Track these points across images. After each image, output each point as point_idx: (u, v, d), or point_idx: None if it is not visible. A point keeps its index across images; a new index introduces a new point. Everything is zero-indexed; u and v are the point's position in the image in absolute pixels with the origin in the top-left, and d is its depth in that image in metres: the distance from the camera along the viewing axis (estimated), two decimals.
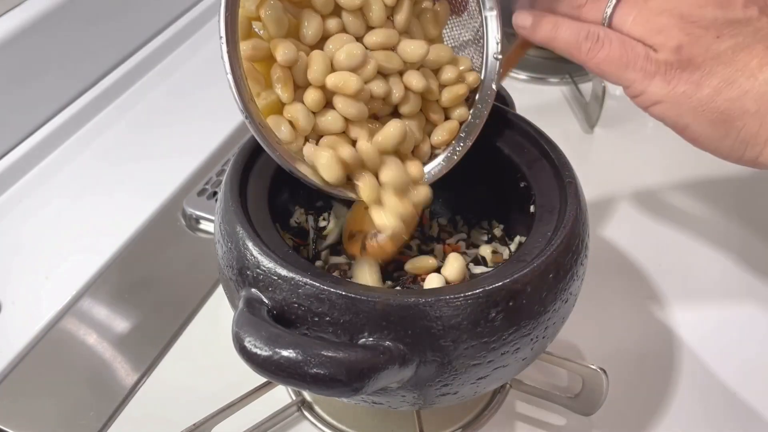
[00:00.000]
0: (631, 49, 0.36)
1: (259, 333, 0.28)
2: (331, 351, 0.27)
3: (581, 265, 0.34)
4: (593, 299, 0.42)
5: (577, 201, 0.35)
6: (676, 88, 0.35)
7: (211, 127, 0.63)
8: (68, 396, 0.43)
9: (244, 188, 0.36)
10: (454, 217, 0.46)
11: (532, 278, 0.31)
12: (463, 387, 0.32)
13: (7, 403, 0.43)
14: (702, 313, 0.48)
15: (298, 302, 0.30)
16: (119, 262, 0.51)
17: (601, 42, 0.36)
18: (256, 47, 0.33)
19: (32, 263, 0.51)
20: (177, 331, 0.47)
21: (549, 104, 0.67)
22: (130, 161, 0.60)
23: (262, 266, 0.31)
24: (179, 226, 0.54)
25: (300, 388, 0.36)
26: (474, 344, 0.30)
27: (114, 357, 0.45)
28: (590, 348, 0.45)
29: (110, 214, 0.55)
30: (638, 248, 0.52)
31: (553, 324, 0.33)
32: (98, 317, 0.48)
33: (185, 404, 0.42)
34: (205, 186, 0.57)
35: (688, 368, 0.44)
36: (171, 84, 0.69)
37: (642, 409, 0.42)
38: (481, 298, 0.30)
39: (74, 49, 0.63)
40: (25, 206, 0.56)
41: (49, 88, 0.61)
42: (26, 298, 0.49)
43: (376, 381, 0.28)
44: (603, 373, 0.38)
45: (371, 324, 0.29)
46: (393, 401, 0.33)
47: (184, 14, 0.75)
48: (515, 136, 0.40)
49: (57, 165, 0.60)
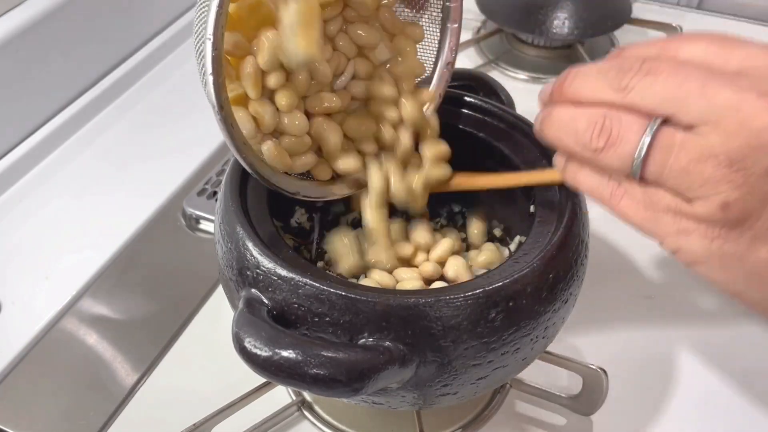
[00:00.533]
0: (656, 202, 0.29)
1: (259, 333, 0.28)
2: (331, 351, 0.27)
3: (581, 265, 0.34)
4: (593, 299, 0.42)
5: (577, 201, 0.35)
6: (723, 247, 0.28)
7: (211, 127, 0.62)
8: (68, 396, 0.43)
9: (244, 188, 0.36)
10: (454, 216, 0.46)
11: (532, 278, 0.31)
12: (463, 387, 0.32)
13: (7, 403, 0.43)
14: (702, 312, 0.48)
15: (298, 302, 0.30)
16: (119, 261, 0.51)
17: (623, 190, 0.30)
18: (237, 45, 0.32)
19: (32, 263, 0.51)
20: (177, 331, 0.47)
21: None
22: (130, 161, 0.60)
23: (262, 266, 0.31)
24: (179, 226, 0.54)
25: (300, 388, 0.36)
26: (474, 344, 0.30)
27: (114, 357, 0.45)
28: (590, 348, 0.45)
29: (110, 214, 0.55)
30: (638, 248, 0.52)
31: (553, 324, 0.33)
32: (98, 317, 0.48)
33: (185, 404, 0.42)
34: (205, 186, 0.57)
35: (688, 368, 0.44)
36: (171, 84, 0.69)
37: (642, 409, 0.42)
38: (481, 299, 0.30)
39: (74, 49, 0.63)
40: (25, 206, 0.56)
41: (48, 88, 0.61)
42: (26, 298, 0.49)
43: (376, 381, 0.28)
44: (603, 373, 0.38)
45: (371, 324, 0.29)
46: (393, 401, 0.33)
47: (183, 15, 0.75)
48: (515, 136, 0.40)
49: (57, 165, 0.60)
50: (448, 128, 0.41)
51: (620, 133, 0.29)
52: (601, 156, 0.29)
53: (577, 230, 0.34)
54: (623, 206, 0.30)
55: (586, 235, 0.35)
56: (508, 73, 0.71)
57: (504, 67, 0.71)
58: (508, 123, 0.40)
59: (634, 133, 0.28)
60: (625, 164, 0.29)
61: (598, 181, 0.31)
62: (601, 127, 0.29)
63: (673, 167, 0.28)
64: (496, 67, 0.71)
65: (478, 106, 0.41)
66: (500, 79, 0.46)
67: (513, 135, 0.40)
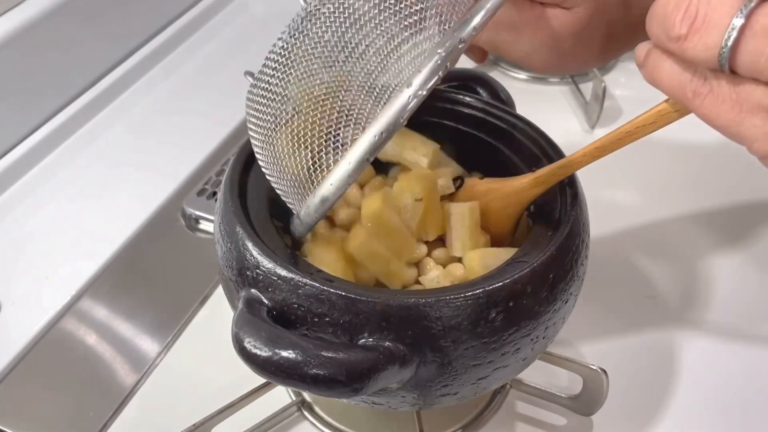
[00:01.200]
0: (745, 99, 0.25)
1: (258, 333, 0.28)
2: (331, 351, 0.27)
3: (581, 265, 0.34)
4: (593, 299, 0.42)
5: (578, 201, 0.35)
6: None
7: (210, 127, 0.63)
8: (68, 396, 0.43)
9: (243, 188, 0.36)
10: None
11: (533, 278, 0.31)
12: (464, 387, 0.32)
13: (7, 403, 0.43)
14: (702, 313, 0.48)
15: (297, 303, 0.30)
16: (119, 262, 0.51)
17: (708, 87, 0.26)
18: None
19: (32, 263, 0.51)
20: (177, 331, 0.47)
21: (549, 104, 0.67)
22: (129, 161, 0.60)
23: (262, 267, 0.31)
24: (179, 226, 0.54)
25: (300, 388, 0.36)
26: (474, 344, 0.30)
27: (114, 357, 0.45)
28: (590, 348, 0.45)
29: (110, 214, 0.55)
30: (638, 248, 0.52)
31: (553, 324, 0.33)
32: (98, 317, 0.48)
33: (185, 404, 0.42)
34: (205, 186, 0.57)
35: (689, 368, 0.44)
36: (170, 84, 0.69)
37: (642, 409, 0.42)
38: (482, 299, 0.30)
39: (73, 49, 0.63)
40: (25, 206, 0.56)
41: (48, 88, 0.61)
42: (26, 298, 0.49)
43: (376, 381, 0.28)
44: (603, 373, 0.38)
45: (371, 324, 0.29)
46: (393, 402, 0.33)
47: (182, 15, 0.75)
48: (515, 136, 0.40)
49: (57, 165, 0.60)
50: (448, 128, 0.41)
51: (707, 14, 0.24)
52: (685, 45, 0.25)
53: (577, 230, 0.34)
54: (707, 107, 0.26)
55: (587, 235, 0.35)
56: (508, 73, 0.70)
57: (504, 67, 0.71)
58: (508, 123, 0.40)
59: (722, 15, 0.24)
60: (712, 54, 0.24)
61: (679, 77, 0.26)
62: (686, 8, 0.24)
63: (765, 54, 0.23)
64: (496, 67, 0.71)
65: (478, 106, 0.41)
66: (500, 79, 0.46)
67: (513, 135, 0.40)
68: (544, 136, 0.39)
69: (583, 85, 0.67)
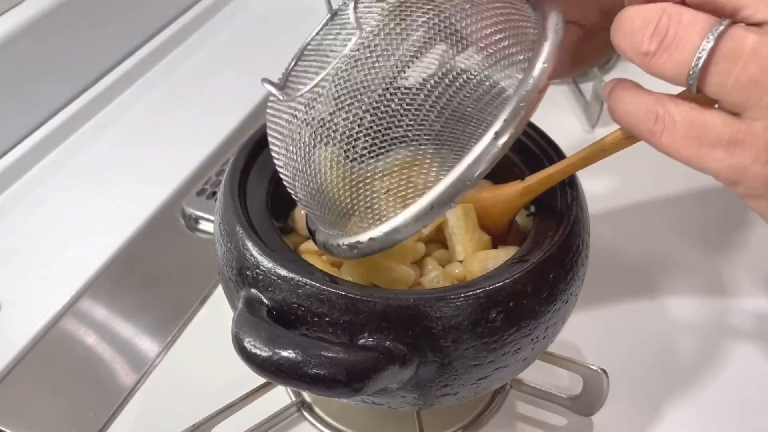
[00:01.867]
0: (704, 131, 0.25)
1: (258, 333, 0.28)
2: (331, 351, 0.27)
3: (582, 265, 0.34)
4: (594, 299, 0.42)
5: (578, 201, 0.35)
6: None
7: (210, 127, 0.63)
8: (68, 396, 0.43)
9: (243, 188, 0.36)
10: None
11: (533, 278, 0.31)
12: (464, 387, 0.32)
13: (7, 403, 0.43)
14: (703, 313, 0.48)
15: (297, 302, 0.30)
16: (119, 262, 0.51)
17: (662, 121, 0.25)
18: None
19: (31, 263, 0.51)
20: (177, 331, 0.47)
21: (549, 104, 0.67)
22: (128, 161, 0.60)
23: (262, 266, 0.31)
24: (179, 226, 0.54)
25: (300, 388, 0.36)
26: (474, 344, 0.30)
27: (113, 357, 0.45)
28: (590, 348, 0.45)
29: (110, 214, 0.55)
30: (639, 248, 0.52)
31: (553, 324, 0.33)
32: (98, 317, 0.48)
33: (185, 405, 0.42)
34: (205, 186, 0.57)
35: (689, 368, 0.44)
36: (170, 84, 0.69)
37: (642, 409, 0.42)
38: (482, 298, 0.30)
39: (73, 49, 0.63)
40: (24, 206, 0.56)
41: (47, 88, 0.61)
42: (25, 298, 0.48)
43: (376, 381, 0.28)
44: (603, 373, 0.38)
45: (371, 324, 0.29)
46: (393, 402, 0.33)
47: (182, 15, 0.75)
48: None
49: (56, 165, 0.60)
50: None
51: (678, 33, 0.24)
52: (653, 61, 0.25)
53: (577, 230, 0.34)
54: (665, 143, 0.26)
55: (587, 235, 0.35)
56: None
57: None
58: None
59: (692, 36, 0.23)
60: (681, 73, 0.24)
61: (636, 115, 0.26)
62: (655, 25, 0.24)
63: (740, 78, 0.23)
64: None
65: None
66: None
67: None
68: (544, 136, 0.39)
69: (583, 85, 0.67)
